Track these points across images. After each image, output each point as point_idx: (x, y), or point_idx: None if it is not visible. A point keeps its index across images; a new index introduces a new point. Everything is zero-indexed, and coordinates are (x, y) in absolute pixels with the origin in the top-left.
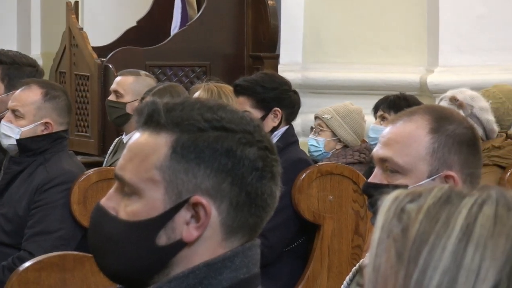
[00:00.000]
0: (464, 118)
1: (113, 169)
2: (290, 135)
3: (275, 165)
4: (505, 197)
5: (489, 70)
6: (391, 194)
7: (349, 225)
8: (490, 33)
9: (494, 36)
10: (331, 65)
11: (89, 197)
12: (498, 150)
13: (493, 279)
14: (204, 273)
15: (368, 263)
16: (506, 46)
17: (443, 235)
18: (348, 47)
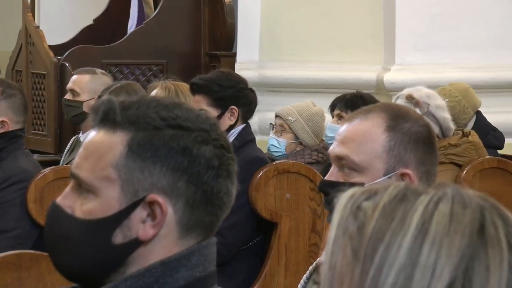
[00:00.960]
0: (420, 116)
1: (70, 168)
2: (247, 134)
3: (231, 164)
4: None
5: (445, 68)
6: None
7: (306, 223)
8: (446, 32)
9: (450, 34)
10: (288, 63)
11: (46, 195)
12: (455, 148)
13: (448, 276)
14: (160, 272)
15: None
16: (462, 45)
17: (399, 232)
18: (305, 45)
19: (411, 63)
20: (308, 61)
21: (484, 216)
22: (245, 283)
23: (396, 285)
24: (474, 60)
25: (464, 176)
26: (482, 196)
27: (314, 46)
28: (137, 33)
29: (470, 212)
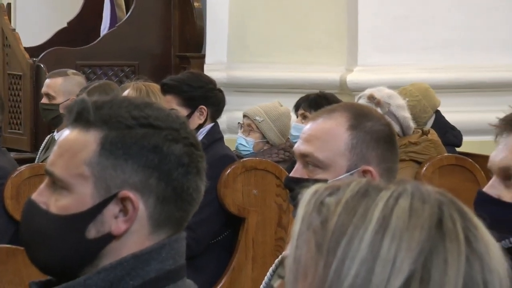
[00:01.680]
0: (381, 115)
1: (45, 165)
2: (215, 132)
3: (200, 161)
4: (420, 191)
5: (406, 69)
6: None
7: (273, 218)
8: (407, 34)
9: (410, 36)
10: (255, 64)
11: (22, 192)
12: (415, 146)
13: (408, 269)
14: (131, 265)
15: (289, 255)
16: (422, 46)
17: (361, 227)
18: (271, 47)
19: (373, 64)
20: (275, 62)
21: (442, 211)
22: (214, 276)
23: (358, 277)
24: (433, 62)
25: (424, 172)
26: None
27: (280, 48)
28: (110, 35)
29: (429, 207)
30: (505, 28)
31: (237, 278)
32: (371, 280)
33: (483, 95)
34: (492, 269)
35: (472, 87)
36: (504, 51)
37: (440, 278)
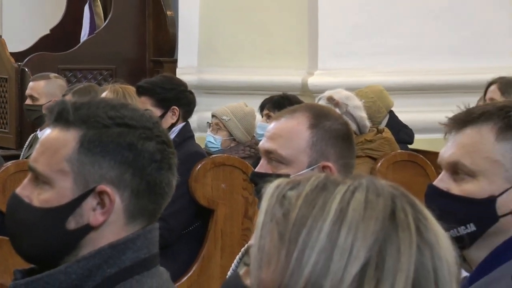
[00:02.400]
0: (339, 115)
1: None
2: (187, 131)
3: (172, 158)
4: (374, 185)
5: (362, 73)
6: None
7: (240, 210)
8: (363, 40)
9: (366, 43)
10: (224, 68)
11: (8, 186)
12: (370, 143)
13: (364, 257)
14: (109, 254)
15: (253, 244)
16: (377, 52)
17: (320, 218)
18: (238, 52)
19: (332, 68)
20: (241, 66)
21: (395, 203)
22: (185, 264)
23: (317, 265)
24: (387, 66)
25: (379, 168)
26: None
27: (247, 53)
28: (89, 41)
29: (383, 200)
30: (450, 35)
31: (207, 265)
32: (329, 268)
33: (432, 96)
34: (441, 257)
35: (422, 89)
36: (450, 56)
37: (393, 265)
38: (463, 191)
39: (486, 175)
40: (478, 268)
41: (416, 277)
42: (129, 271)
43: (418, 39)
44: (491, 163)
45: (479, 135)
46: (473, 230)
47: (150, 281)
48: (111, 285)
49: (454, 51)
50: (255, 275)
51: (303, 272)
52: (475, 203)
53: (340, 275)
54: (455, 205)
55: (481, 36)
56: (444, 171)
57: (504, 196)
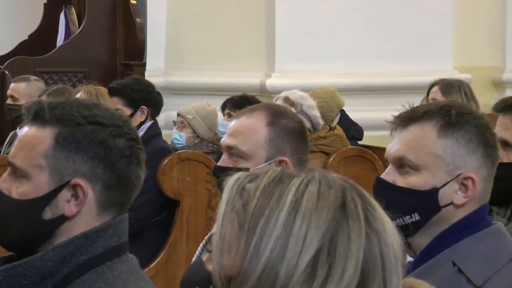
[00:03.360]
0: (295, 114)
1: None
2: (154, 129)
3: (140, 153)
4: (326, 177)
5: (316, 75)
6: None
7: (204, 201)
8: (316, 45)
9: (319, 47)
10: (188, 71)
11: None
12: (323, 139)
13: (317, 244)
14: (82, 242)
15: (215, 232)
16: (329, 56)
17: (276, 209)
18: (202, 56)
19: (288, 71)
20: (205, 69)
21: (346, 195)
22: (154, 251)
23: (274, 252)
24: (339, 69)
25: (331, 162)
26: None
27: (209, 57)
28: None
29: (334, 191)
30: (395, 40)
31: (173, 252)
32: (285, 254)
33: (380, 96)
34: (388, 244)
35: (371, 90)
36: (395, 60)
37: (344, 252)
38: (408, 184)
39: (429, 169)
40: (422, 254)
41: (365, 262)
42: (100, 257)
43: (367, 44)
44: (433, 157)
45: (422, 132)
46: (417, 219)
47: (120, 266)
48: (84, 271)
49: (399, 55)
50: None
51: (261, 259)
52: (419, 194)
53: (295, 261)
54: (400, 196)
55: (423, 41)
56: (391, 165)
57: (446, 188)
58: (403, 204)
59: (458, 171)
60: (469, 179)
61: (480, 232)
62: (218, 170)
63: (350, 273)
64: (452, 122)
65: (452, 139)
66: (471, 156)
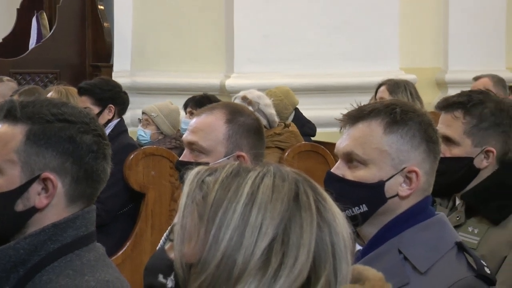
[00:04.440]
0: (252, 112)
1: None
2: (121, 126)
3: (106, 148)
4: (281, 171)
5: (271, 76)
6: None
7: (167, 194)
8: (272, 48)
9: (275, 50)
10: (153, 72)
11: None
12: (279, 136)
13: (271, 233)
14: (52, 232)
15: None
16: (284, 58)
17: (234, 200)
18: (165, 58)
19: (246, 72)
20: (168, 70)
21: (298, 187)
22: (121, 240)
23: (232, 240)
24: (293, 70)
25: (286, 157)
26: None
27: (173, 59)
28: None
29: (288, 184)
30: (346, 44)
31: (139, 241)
32: (242, 243)
33: (331, 96)
34: (338, 233)
35: (323, 90)
36: (346, 62)
37: (297, 240)
38: (356, 177)
39: (375, 163)
40: (370, 243)
41: (316, 250)
42: (69, 246)
43: (319, 47)
44: (380, 152)
45: (369, 129)
46: (365, 210)
47: (88, 255)
48: (54, 259)
49: (350, 57)
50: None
51: (219, 247)
52: (366, 187)
53: (251, 249)
54: (349, 189)
55: (372, 44)
56: (340, 160)
57: (391, 180)
58: (352, 196)
59: (403, 165)
60: (413, 173)
61: (424, 222)
62: (180, 165)
63: (302, 261)
64: (396, 119)
65: (397, 135)
66: (415, 151)
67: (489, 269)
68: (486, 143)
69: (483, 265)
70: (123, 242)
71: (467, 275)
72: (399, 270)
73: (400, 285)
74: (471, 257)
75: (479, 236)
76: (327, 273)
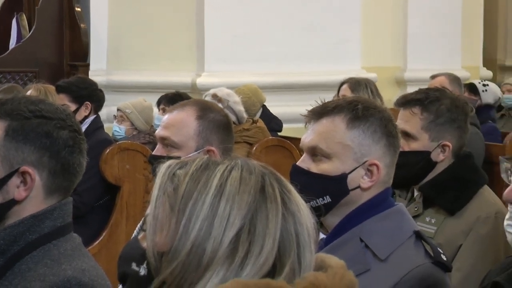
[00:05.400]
0: (221, 109)
1: None
2: (97, 122)
3: (82, 143)
4: (248, 164)
5: (240, 74)
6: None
7: (141, 186)
8: (241, 48)
9: (244, 50)
10: (127, 71)
11: None
12: (247, 131)
13: (239, 223)
14: (31, 223)
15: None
16: (252, 58)
17: (203, 192)
18: (139, 58)
19: (216, 71)
20: (142, 69)
21: (265, 180)
22: (97, 230)
23: (201, 230)
24: (261, 69)
25: (254, 151)
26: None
27: (146, 58)
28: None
29: (254, 177)
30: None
31: (114, 232)
32: (211, 233)
33: (297, 93)
34: (302, 223)
35: (289, 88)
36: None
37: (263, 230)
38: (321, 170)
39: (339, 157)
40: (333, 232)
41: (281, 239)
42: (47, 237)
43: (286, 47)
44: (342, 147)
45: (333, 124)
46: (329, 201)
47: (65, 244)
48: (33, 249)
49: (314, 57)
50: (150, 239)
51: (189, 236)
52: (330, 179)
53: (219, 238)
54: (314, 181)
55: (335, 44)
56: (305, 153)
57: (354, 173)
58: (316, 188)
59: (364, 159)
60: (374, 166)
61: (384, 212)
62: (153, 158)
63: (268, 249)
64: (358, 115)
65: (359, 130)
66: (376, 145)
67: (445, 257)
68: (442, 137)
69: (440, 252)
70: (99, 233)
71: (425, 262)
72: (361, 258)
73: (361, 272)
74: (428, 245)
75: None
76: (291, 261)
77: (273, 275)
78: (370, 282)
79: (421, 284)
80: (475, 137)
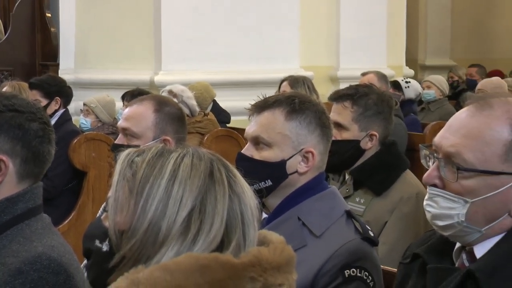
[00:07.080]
0: (176, 103)
1: None
2: (66, 115)
3: (51, 134)
4: (198, 152)
5: (194, 73)
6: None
7: (106, 172)
8: (194, 49)
9: (197, 51)
10: (93, 69)
11: None
12: (199, 123)
13: (190, 204)
14: (5, 205)
15: (110, 196)
16: (204, 58)
17: (159, 177)
18: (104, 58)
19: (172, 69)
20: (106, 68)
21: (213, 165)
22: (66, 212)
23: (157, 211)
24: (211, 68)
25: (205, 141)
26: (212, 153)
27: (110, 58)
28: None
29: (204, 163)
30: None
31: (82, 212)
32: (166, 213)
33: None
34: (246, 203)
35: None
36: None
37: (212, 210)
38: (262, 157)
39: (278, 145)
40: (274, 212)
41: (228, 218)
42: (20, 217)
43: (233, 48)
44: (282, 136)
45: (273, 116)
46: (270, 184)
47: (36, 224)
48: (7, 228)
49: (257, 57)
50: (112, 219)
51: (147, 216)
52: (271, 165)
53: (173, 218)
54: (257, 167)
55: (276, 45)
56: (249, 142)
57: (292, 160)
58: (258, 172)
59: (301, 147)
60: (309, 153)
61: (319, 194)
62: (115, 147)
63: (216, 227)
64: (296, 108)
65: (296, 122)
66: (311, 134)
67: (372, 233)
68: (370, 128)
69: (368, 229)
70: (68, 213)
71: (355, 237)
72: (298, 234)
73: (299, 247)
74: (357, 222)
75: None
76: (237, 237)
77: (221, 249)
78: (307, 256)
79: (352, 257)
80: (399, 127)
